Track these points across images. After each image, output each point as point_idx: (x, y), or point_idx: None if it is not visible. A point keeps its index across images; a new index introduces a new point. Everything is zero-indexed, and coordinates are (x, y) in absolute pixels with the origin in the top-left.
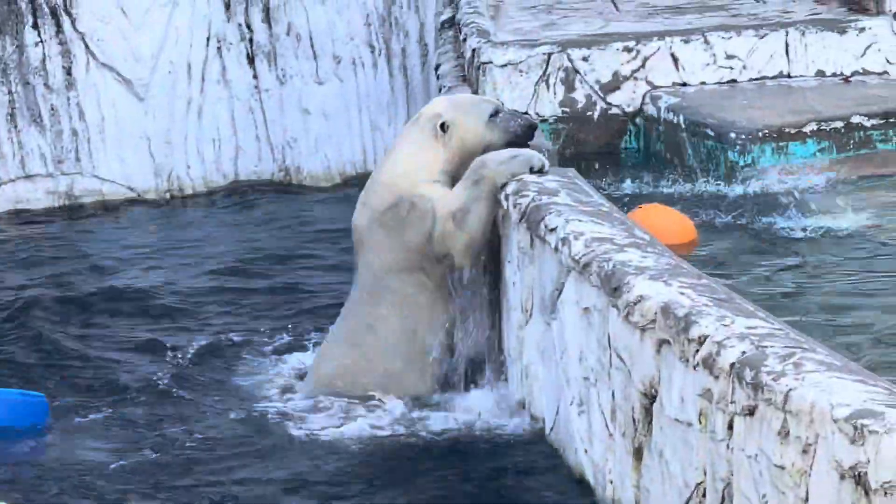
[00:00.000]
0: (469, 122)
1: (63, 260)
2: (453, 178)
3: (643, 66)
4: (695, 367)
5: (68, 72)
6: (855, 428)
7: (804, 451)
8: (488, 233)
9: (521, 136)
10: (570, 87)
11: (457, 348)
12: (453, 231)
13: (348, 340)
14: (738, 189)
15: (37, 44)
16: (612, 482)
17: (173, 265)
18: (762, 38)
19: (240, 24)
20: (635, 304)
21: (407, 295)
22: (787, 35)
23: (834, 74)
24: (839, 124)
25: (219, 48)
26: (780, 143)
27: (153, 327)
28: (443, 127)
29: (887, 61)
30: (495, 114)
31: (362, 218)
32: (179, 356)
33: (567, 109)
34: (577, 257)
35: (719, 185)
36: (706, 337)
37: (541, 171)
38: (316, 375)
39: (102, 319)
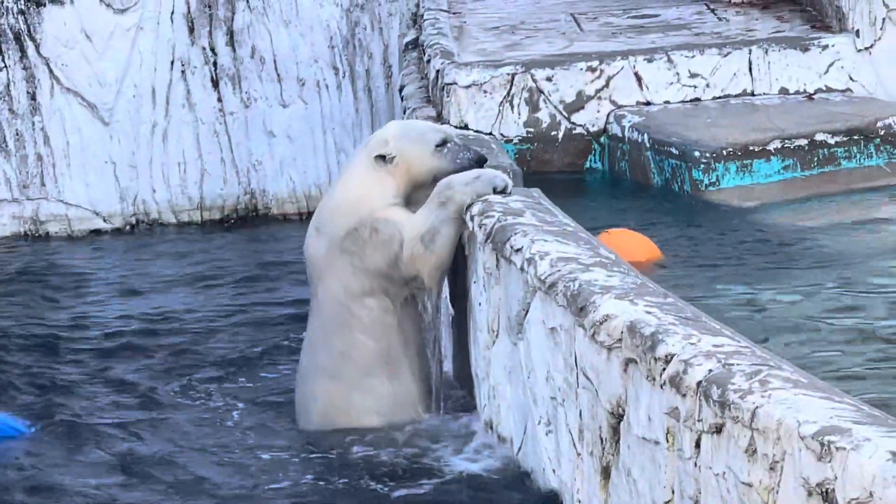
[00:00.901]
0: (415, 151)
1: (29, 284)
2: (407, 201)
3: (607, 85)
4: (661, 386)
5: (33, 97)
6: (822, 445)
7: (771, 469)
8: (453, 254)
9: (469, 168)
10: (534, 108)
11: (433, 367)
12: (423, 253)
13: (327, 373)
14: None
15: (1, 69)
16: (580, 502)
17: (141, 289)
18: (725, 56)
19: (204, 48)
20: (601, 323)
21: (375, 319)
22: (750, 53)
23: (797, 92)
24: (803, 142)
25: (183, 72)
26: (745, 161)
27: (120, 351)
28: (384, 158)
29: (850, 78)
30: (443, 143)
31: (319, 246)
32: (148, 382)
33: (531, 129)
34: (542, 277)
35: None
36: (673, 355)
37: (504, 191)
38: (310, 416)
39: (70, 344)
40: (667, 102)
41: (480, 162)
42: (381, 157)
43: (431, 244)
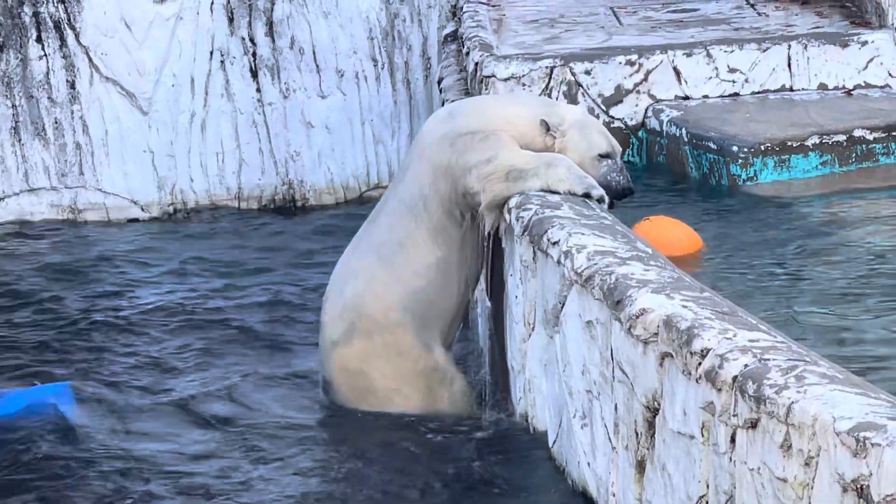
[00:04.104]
0: (579, 146)
1: (67, 273)
2: None
3: (646, 79)
4: (697, 380)
5: (72, 85)
6: (857, 441)
7: (806, 464)
8: None
9: (613, 191)
10: (572, 101)
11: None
12: (499, 181)
13: (378, 254)
14: None
15: (41, 57)
16: (614, 495)
17: (177, 277)
18: (764, 51)
19: (243, 38)
20: (638, 317)
21: (444, 225)
22: (789, 49)
23: (836, 88)
24: (841, 138)
25: (222, 62)
26: (783, 157)
27: (155, 332)
28: (549, 128)
29: (889, 75)
30: (606, 156)
31: (440, 127)
32: (183, 365)
33: None
34: (579, 270)
35: None
36: (709, 350)
37: (600, 200)
38: (344, 295)
39: (107, 330)
40: (705, 97)
41: (627, 194)
42: (546, 126)
43: (512, 182)
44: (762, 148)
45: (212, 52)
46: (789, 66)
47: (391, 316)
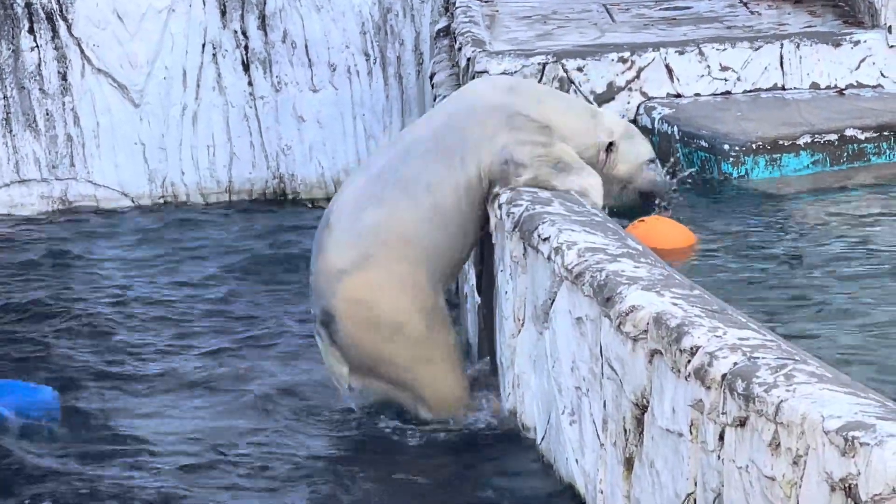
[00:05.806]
0: (630, 156)
1: (57, 264)
2: None
3: (638, 76)
4: (686, 378)
5: (63, 77)
6: (846, 440)
7: (795, 463)
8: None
9: (662, 194)
10: None
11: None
12: (548, 166)
13: (405, 190)
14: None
15: (32, 49)
16: (602, 492)
17: (167, 270)
18: (757, 50)
19: (235, 31)
20: (627, 314)
21: (472, 185)
22: (781, 47)
23: (828, 87)
24: (833, 137)
25: (214, 55)
26: (774, 156)
27: (145, 331)
28: (611, 147)
29: (882, 74)
30: (652, 161)
31: (499, 96)
32: (172, 358)
33: None
34: (569, 267)
35: None
36: (698, 348)
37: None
38: (362, 221)
39: (96, 323)
40: (697, 95)
41: (672, 189)
42: (611, 146)
43: (557, 172)
44: (753, 146)
45: (204, 45)
46: (781, 64)
47: (410, 251)
